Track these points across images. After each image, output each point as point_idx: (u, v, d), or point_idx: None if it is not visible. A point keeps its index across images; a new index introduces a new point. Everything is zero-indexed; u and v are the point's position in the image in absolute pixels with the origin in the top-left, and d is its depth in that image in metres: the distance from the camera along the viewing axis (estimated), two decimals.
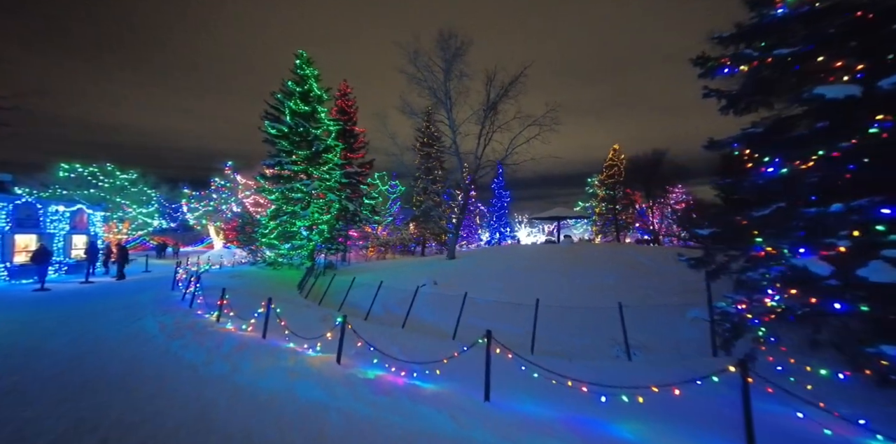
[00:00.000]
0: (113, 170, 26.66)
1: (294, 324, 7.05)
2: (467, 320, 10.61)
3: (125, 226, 25.70)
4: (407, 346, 6.36)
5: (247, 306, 7.92)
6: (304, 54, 22.38)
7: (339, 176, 22.54)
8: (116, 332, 6.72)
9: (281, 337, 6.41)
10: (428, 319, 11.07)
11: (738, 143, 5.87)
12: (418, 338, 7.65)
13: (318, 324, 8.10)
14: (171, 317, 7.61)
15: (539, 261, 19.04)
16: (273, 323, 6.51)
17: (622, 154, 39.82)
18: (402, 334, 8.03)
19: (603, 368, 5.78)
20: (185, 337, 6.20)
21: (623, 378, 4.76)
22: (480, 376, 4.51)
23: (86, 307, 8.89)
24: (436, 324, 10.25)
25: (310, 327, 7.14)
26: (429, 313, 12.02)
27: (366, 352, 5.53)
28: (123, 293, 10.98)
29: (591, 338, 8.40)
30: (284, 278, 18.53)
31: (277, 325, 6.40)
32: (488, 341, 4.57)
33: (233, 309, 7.38)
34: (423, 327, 9.65)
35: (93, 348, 5.76)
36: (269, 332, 6.48)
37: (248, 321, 6.95)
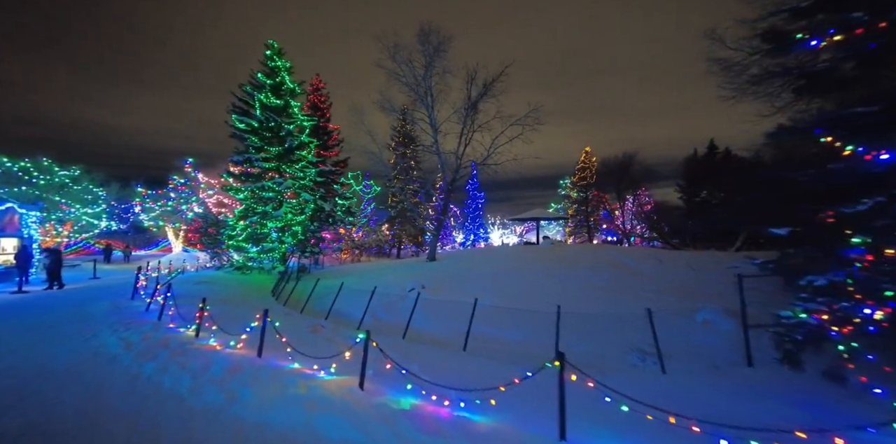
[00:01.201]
0: (50, 165, 23.77)
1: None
2: (462, 326, 9.91)
3: (66, 228, 22.92)
4: (425, 363, 5.59)
5: (228, 318, 6.83)
6: (274, 45, 20.96)
7: (313, 174, 21.24)
8: (68, 352, 5.47)
9: (281, 356, 5.44)
10: (424, 327, 10.28)
11: (823, 128, 5.07)
12: (427, 351, 6.89)
13: (309, 336, 7.17)
14: (137, 332, 6.37)
15: (523, 262, 18.71)
16: (269, 338, 5.51)
17: (594, 157, 40.70)
18: (408, 347, 7.20)
19: (646, 384, 5.25)
20: (160, 357, 5.09)
21: (700, 402, 4.18)
22: (544, 405, 3.78)
23: (25, 322, 7.40)
24: (435, 333, 9.49)
25: (301, 340, 6.21)
26: (423, 321, 11.21)
27: (389, 373, 4.70)
28: (71, 304, 9.39)
29: (597, 344, 7.86)
30: (255, 284, 17.07)
31: (274, 341, 5.43)
32: (561, 366, 3.57)
33: (214, 322, 6.26)
34: (423, 337, 8.88)
35: (38, 376, 4.56)
36: (264, 349, 5.51)
37: (236, 337, 5.90)
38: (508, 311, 8.99)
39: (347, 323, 10.50)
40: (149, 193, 26.50)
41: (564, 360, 3.52)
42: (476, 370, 5.91)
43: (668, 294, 10.77)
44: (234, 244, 19.59)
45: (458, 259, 22.18)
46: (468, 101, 22.04)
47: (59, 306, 9.03)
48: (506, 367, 6.10)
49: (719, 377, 5.56)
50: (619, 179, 36.39)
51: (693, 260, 15.59)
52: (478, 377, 5.23)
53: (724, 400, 4.56)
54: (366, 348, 4.51)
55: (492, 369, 6.06)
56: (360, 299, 12.12)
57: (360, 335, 4.53)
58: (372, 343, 4.46)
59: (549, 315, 8.49)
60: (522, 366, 6.29)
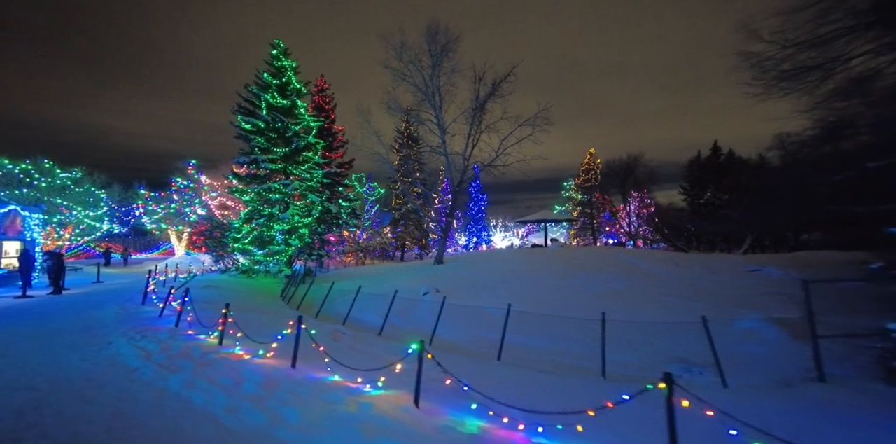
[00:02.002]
0: (51, 167, 23.37)
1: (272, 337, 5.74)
2: (487, 333, 9.56)
3: (67, 231, 22.50)
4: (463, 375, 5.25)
5: (245, 324, 6.47)
6: (280, 44, 20.72)
7: (320, 176, 20.93)
8: (83, 362, 5.10)
9: (317, 367, 5.03)
10: (445, 333, 9.92)
11: None
12: (460, 361, 6.47)
13: (331, 344, 6.81)
14: (154, 340, 6.01)
15: (534, 265, 18.39)
16: (302, 348, 5.14)
17: (598, 158, 40.50)
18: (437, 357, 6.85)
19: (711, 400, 4.72)
20: (185, 369, 4.72)
21: (784, 425, 3.75)
22: (640, 432, 3.45)
23: (32, 329, 7.02)
24: (458, 340, 9.10)
25: (328, 348, 5.84)
26: (442, 327, 10.87)
27: (444, 388, 4.29)
28: (78, 309, 9.01)
29: (634, 353, 7.41)
30: (263, 288, 16.71)
31: (306, 350, 5.05)
32: (669, 389, 2.94)
33: (238, 329, 5.90)
34: (447, 345, 8.46)
35: (56, 389, 4.21)
36: (296, 359, 5.11)
37: (264, 345, 5.53)
38: (533, 317, 8.65)
39: (365, 328, 10.15)
40: (151, 196, 26.09)
41: (673, 383, 2.96)
42: (527, 383, 5.50)
43: (694, 299, 10.43)
44: (240, 247, 19.24)
45: (465, 262, 21.85)
46: (476, 101, 21.79)
47: (66, 312, 8.65)
48: (556, 380, 5.74)
49: (791, 394, 5.06)
50: (623, 180, 36.18)
51: (709, 263, 15.30)
52: (536, 393, 4.88)
53: (810, 423, 4.13)
54: (420, 360, 4.09)
55: (543, 382, 5.66)
56: (373, 303, 11.78)
57: (413, 346, 4.10)
58: (427, 355, 4.10)
59: (578, 322, 8.12)
60: (571, 378, 5.92)
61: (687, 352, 6.61)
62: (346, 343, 7.15)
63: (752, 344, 6.57)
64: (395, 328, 10.91)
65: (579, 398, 4.61)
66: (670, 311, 9.22)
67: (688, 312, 9.06)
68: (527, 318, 8.42)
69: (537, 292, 13.23)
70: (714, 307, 9.09)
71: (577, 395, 4.98)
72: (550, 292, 13.23)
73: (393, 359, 6.13)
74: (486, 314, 10.83)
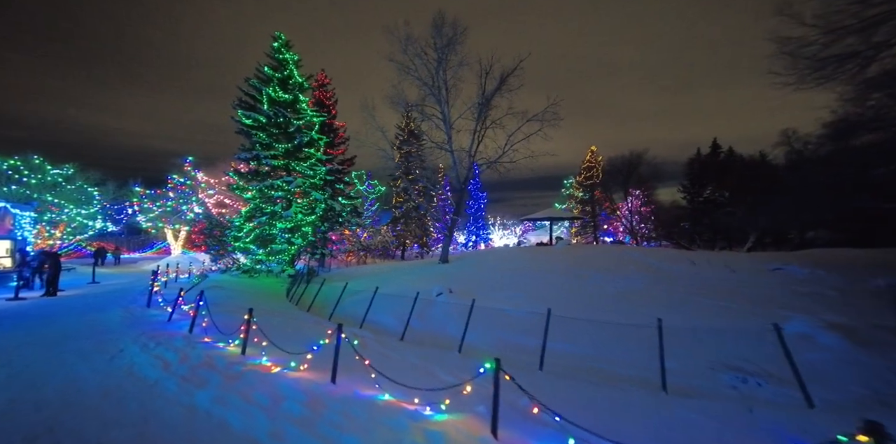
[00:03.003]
0: (42, 163, 22.47)
1: (300, 345, 5.20)
2: (510, 337, 9.09)
3: (59, 229, 21.65)
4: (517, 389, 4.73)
5: (267, 329, 5.95)
6: (282, 36, 20.06)
7: (323, 173, 20.32)
8: (95, 373, 4.56)
9: (361, 382, 4.47)
10: (468, 338, 9.42)
11: None
12: None
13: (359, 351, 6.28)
14: (170, 348, 5.47)
15: (544, 264, 17.98)
16: (326, 357, 4.62)
17: (600, 156, 40.23)
18: (472, 365, 6.32)
19: (808, 425, 4.04)
20: (211, 382, 4.21)
21: None
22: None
23: (32, 335, 6.43)
24: (481, 344, 8.53)
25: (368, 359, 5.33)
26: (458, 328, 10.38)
27: (520, 414, 3.72)
28: (78, 313, 8.40)
29: (677, 360, 6.63)
30: (267, 288, 16.13)
31: (345, 361, 4.52)
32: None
33: (265, 336, 5.36)
34: (475, 351, 7.91)
35: (69, 406, 3.69)
36: (336, 373, 4.53)
37: (294, 355, 5.02)
38: (565, 321, 8.20)
39: (384, 332, 9.66)
40: (147, 193, 25.23)
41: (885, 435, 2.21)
42: (593, 400, 4.91)
43: (724, 300, 9.95)
44: (241, 246, 18.62)
45: (471, 261, 21.40)
46: (482, 96, 21.28)
47: (65, 316, 8.04)
48: (619, 395, 5.18)
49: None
50: (627, 177, 35.93)
51: (726, 261, 14.98)
52: (609, 412, 4.34)
53: None
54: (497, 383, 3.42)
55: (609, 398, 5.04)
56: (386, 304, 11.28)
57: (487, 365, 3.50)
58: (504, 376, 3.46)
59: (613, 326, 7.67)
60: (631, 391, 5.27)
61: (737, 359, 6.16)
62: (374, 350, 6.65)
63: (808, 351, 5.95)
64: (413, 331, 10.40)
65: (668, 419, 4.12)
66: (703, 313, 8.80)
67: (723, 313, 8.68)
68: (558, 322, 7.96)
69: (555, 293, 12.80)
70: (749, 309, 8.70)
71: (660, 415, 4.35)
72: (569, 292, 12.82)
73: (431, 368, 5.67)
74: (506, 317, 10.37)
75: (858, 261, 12.42)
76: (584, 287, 13.34)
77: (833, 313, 7.44)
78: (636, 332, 6.82)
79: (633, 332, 6.92)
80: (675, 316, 8.69)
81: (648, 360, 6.79)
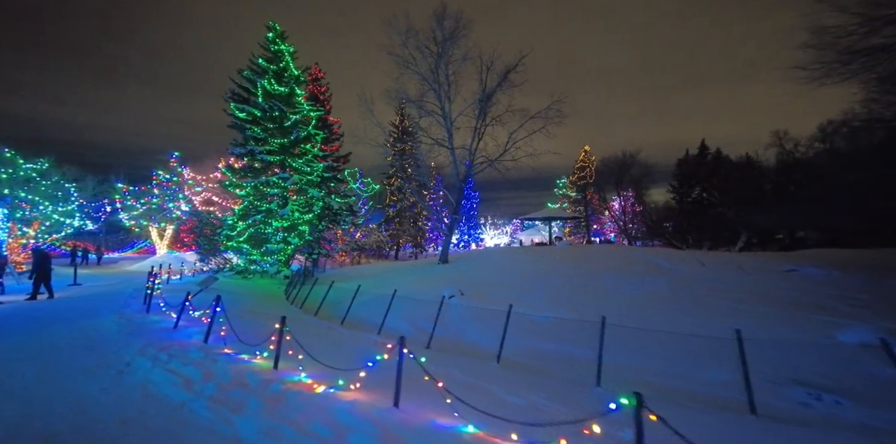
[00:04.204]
0: (13, 157, 20.95)
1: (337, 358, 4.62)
2: (537, 344, 8.53)
3: (33, 228, 20.21)
4: None
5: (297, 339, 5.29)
6: (276, 27, 19.19)
7: (321, 169, 19.53)
8: (105, 394, 3.83)
9: (431, 407, 3.75)
10: (493, 345, 8.84)
11: None
12: (555, 386, 5.39)
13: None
14: (186, 361, 4.74)
15: (550, 265, 17.65)
16: (377, 374, 4.06)
17: (593, 156, 40.36)
18: (523, 379, 5.73)
19: None
20: (251, 407, 3.52)
21: None
22: None
23: (20, 346, 5.61)
24: (516, 355, 7.77)
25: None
26: (476, 335, 9.85)
27: None
28: (68, 319, 7.49)
29: (730, 372, 5.87)
30: (264, 289, 15.34)
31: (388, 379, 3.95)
32: None
33: (302, 348, 4.62)
34: (513, 363, 7.15)
35: (81, 435, 3.05)
36: (399, 395, 3.87)
37: (341, 371, 4.37)
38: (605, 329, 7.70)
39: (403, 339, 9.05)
40: (130, 189, 23.84)
41: None
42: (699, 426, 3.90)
43: (754, 304, 9.44)
44: (234, 246, 17.71)
45: (472, 262, 20.92)
46: (483, 92, 20.80)
47: (52, 323, 7.17)
48: (710, 419, 4.51)
49: None
50: (619, 178, 36.09)
51: (736, 262, 14.91)
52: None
53: None
54: (639, 425, 2.69)
55: (704, 422, 4.30)
56: (396, 307, 10.57)
57: (624, 400, 2.80)
58: (649, 416, 2.73)
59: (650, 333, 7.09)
60: (719, 413, 4.64)
61: (801, 372, 5.72)
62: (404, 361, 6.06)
63: (876, 364, 5.27)
64: (426, 335, 9.83)
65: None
66: (740, 318, 8.29)
67: (759, 319, 8.29)
68: (590, 328, 7.49)
69: (571, 296, 12.36)
70: (788, 314, 8.27)
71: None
72: (585, 295, 12.38)
73: (484, 384, 5.07)
74: (531, 323, 9.86)
75: (863, 262, 12.44)
76: (600, 290, 12.95)
77: (881, 319, 7.21)
78: (684, 340, 6.40)
79: (682, 340, 6.49)
80: (710, 322, 8.31)
81: (691, 369, 6.39)
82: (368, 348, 6.76)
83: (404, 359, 3.94)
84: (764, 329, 6.74)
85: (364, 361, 4.29)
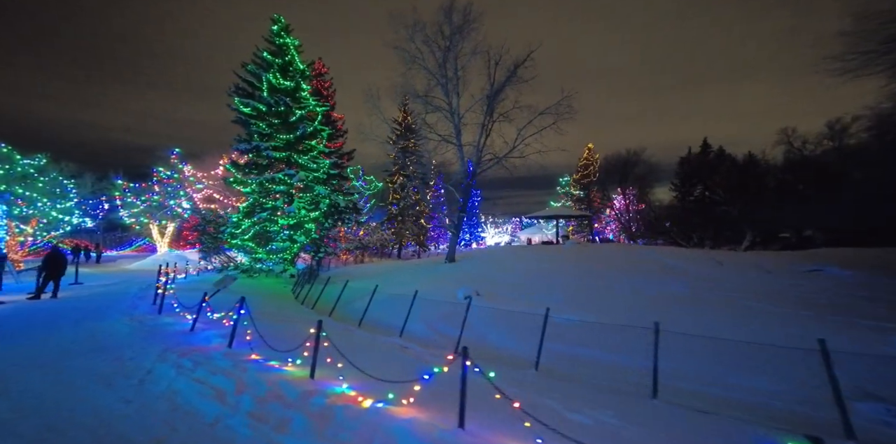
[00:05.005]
0: (10, 153, 20.40)
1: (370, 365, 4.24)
2: (557, 347, 8.07)
3: (30, 225, 19.69)
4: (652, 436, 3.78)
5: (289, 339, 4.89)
6: (281, 19, 18.73)
7: (327, 166, 19.12)
8: (127, 406, 3.44)
9: (501, 428, 3.36)
10: (510, 346, 8.52)
11: None
12: (603, 399, 4.98)
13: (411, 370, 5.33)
14: (214, 369, 4.32)
15: (561, 265, 17.30)
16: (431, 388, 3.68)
17: (597, 154, 40.07)
18: (565, 389, 5.32)
19: None
20: (295, 424, 3.15)
21: None
22: None
23: (27, 350, 5.23)
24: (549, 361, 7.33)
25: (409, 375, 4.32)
26: (499, 338, 9.46)
27: None
28: (74, 320, 7.07)
29: (777, 381, 5.72)
30: (272, 289, 14.96)
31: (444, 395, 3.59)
32: None
33: (343, 356, 4.25)
34: (552, 370, 6.70)
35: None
36: (464, 415, 3.41)
37: (389, 384, 3.85)
38: (618, 329, 7.34)
39: (425, 342, 8.72)
40: (130, 186, 23.31)
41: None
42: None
43: (788, 307, 8.99)
44: (239, 244, 17.29)
45: (479, 261, 20.57)
46: (491, 87, 20.41)
47: (59, 325, 6.77)
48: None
49: None
50: (623, 176, 35.83)
51: (755, 262, 14.64)
52: None
53: None
54: None
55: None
56: (408, 307, 10.17)
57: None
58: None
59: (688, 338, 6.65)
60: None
61: (867, 382, 5.34)
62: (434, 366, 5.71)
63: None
64: (448, 338, 9.40)
65: None
66: (783, 323, 7.87)
67: (800, 324, 7.94)
68: (617, 332, 7.13)
69: (588, 296, 12.01)
70: (827, 318, 7.76)
71: None
72: (603, 295, 12.04)
73: (536, 398, 4.68)
74: (556, 326, 9.44)
75: (880, 261, 12.15)
76: (617, 290, 12.59)
77: None
78: (732, 347, 6.00)
79: (729, 347, 6.08)
80: (747, 326, 7.93)
81: (742, 379, 6.01)
82: (396, 354, 6.42)
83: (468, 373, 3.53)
84: (812, 335, 6.35)
85: (399, 368, 3.98)
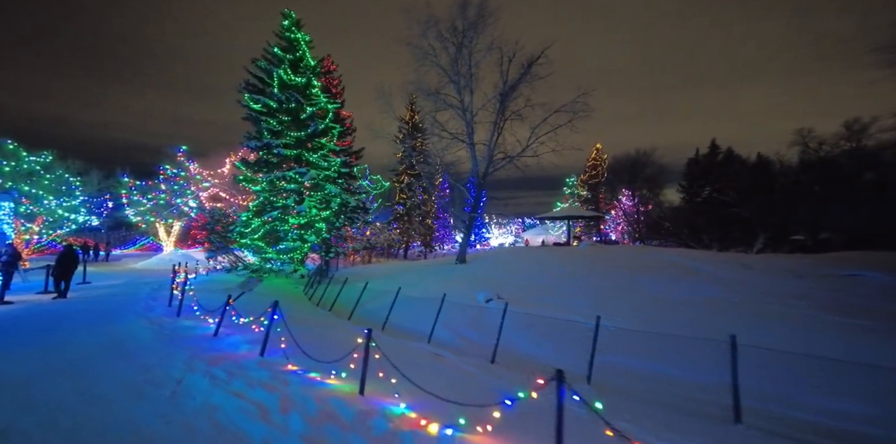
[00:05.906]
0: (16, 149, 20.09)
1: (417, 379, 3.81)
2: (611, 358, 7.54)
3: (36, 223, 19.35)
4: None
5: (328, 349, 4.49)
6: (292, 14, 18.38)
7: (338, 164, 18.75)
8: (166, 425, 3.02)
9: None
10: (552, 358, 8.04)
11: None
12: (687, 425, 4.51)
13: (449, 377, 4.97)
14: (252, 382, 3.92)
15: (580, 267, 16.86)
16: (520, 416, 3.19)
17: (605, 154, 39.70)
18: (640, 410, 4.83)
19: None
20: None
21: None
22: None
23: (43, 354, 4.85)
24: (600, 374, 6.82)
25: (464, 391, 3.89)
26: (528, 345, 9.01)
27: None
28: (88, 323, 6.68)
29: (866, 404, 5.14)
30: (284, 290, 14.59)
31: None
32: None
33: (397, 370, 3.86)
34: (605, 386, 6.15)
35: None
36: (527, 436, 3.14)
37: (460, 406, 3.36)
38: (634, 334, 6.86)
39: (455, 349, 8.30)
40: (136, 184, 22.98)
41: None
42: None
43: (837, 315, 8.49)
44: (248, 243, 16.93)
45: (490, 262, 20.21)
46: (504, 85, 20.05)
47: (76, 328, 6.38)
48: None
49: None
50: (632, 177, 35.43)
51: (784, 266, 14.18)
52: None
53: None
54: None
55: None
56: (427, 311, 9.74)
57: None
58: None
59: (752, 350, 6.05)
60: None
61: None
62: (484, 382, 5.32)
63: None
64: (475, 345, 8.88)
65: None
66: (848, 334, 7.20)
67: (864, 334, 7.39)
68: (662, 340, 6.71)
69: (614, 300, 11.49)
70: (891, 328, 7.44)
71: None
72: (630, 299, 11.51)
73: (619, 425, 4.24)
74: (587, 331, 8.98)
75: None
76: (644, 293, 12.07)
77: None
78: (804, 361, 5.47)
79: (799, 361, 5.55)
80: (798, 336, 7.43)
81: (802, 395, 5.52)
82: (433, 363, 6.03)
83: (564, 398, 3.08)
84: (886, 348, 5.88)
85: (446, 382, 3.57)
